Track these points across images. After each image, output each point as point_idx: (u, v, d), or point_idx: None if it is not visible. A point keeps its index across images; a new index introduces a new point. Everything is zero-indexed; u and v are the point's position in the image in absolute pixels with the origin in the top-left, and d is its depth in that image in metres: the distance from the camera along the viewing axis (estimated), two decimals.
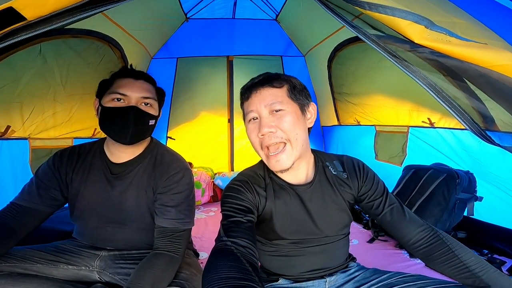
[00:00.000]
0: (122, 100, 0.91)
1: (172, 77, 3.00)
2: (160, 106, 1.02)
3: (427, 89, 0.63)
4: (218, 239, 0.68)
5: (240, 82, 3.14)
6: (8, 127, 1.39)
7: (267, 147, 0.76)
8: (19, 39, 0.63)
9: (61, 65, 1.57)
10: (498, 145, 0.64)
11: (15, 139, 1.45)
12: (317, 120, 3.25)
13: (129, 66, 1.09)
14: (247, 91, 0.79)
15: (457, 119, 0.63)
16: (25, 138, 1.50)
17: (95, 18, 1.62)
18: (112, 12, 1.70)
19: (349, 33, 2.11)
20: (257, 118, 0.77)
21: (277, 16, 2.75)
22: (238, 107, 3.34)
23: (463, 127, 1.62)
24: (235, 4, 2.49)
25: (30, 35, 0.63)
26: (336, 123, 2.88)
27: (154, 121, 0.97)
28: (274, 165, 0.76)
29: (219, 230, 0.71)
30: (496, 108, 0.67)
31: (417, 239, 0.81)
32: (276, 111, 0.75)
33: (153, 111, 0.96)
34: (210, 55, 3.01)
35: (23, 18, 0.62)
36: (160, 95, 1.02)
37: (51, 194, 0.95)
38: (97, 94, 0.96)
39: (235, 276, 0.56)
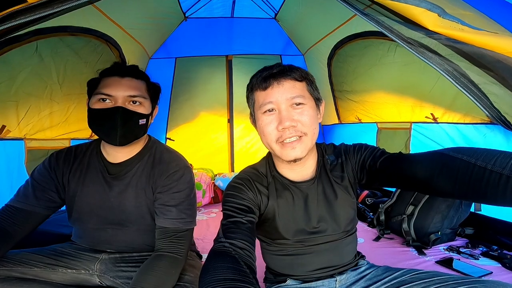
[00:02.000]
0: (108, 101, 0.87)
1: (171, 78, 2.98)
2: (154, 103, 0.98)
3: (445, 74, 0.62)
4: (216, 240, 0.67)
5: (239, 81, 3.15)
6: (3, 127, 1.36)
7: (284, 139, 0.73)
8: (18, 22, 0.60)
9: (58, 64, 1.54)
10: None
11: (11, 139, 1.42)
12: None
13: (127, 63, 1.06)
14: (266, 80, 0.73)
15: (476, 104, 0.61)
16: (20, 139, 1.46)
17: (92, 15, 1.60)
18: (110, 10, 1.68)
19: (348, 30, 2.11)
20: (273, 110, 0.73)
21: (276, 15, 2.74)
22: (237, 107, 3.30)
23: (467, 122, 1.61)
24: (234, 3, 2.48)
25: (29, 18, 0.61)
26: (336, 121, 2.87)
27: (145, 120, 0.93)
28: (289, 153, 0.73)
29: (219, 230, 0.70)
30: (503, 101, 0.66)
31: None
32: (297, 104, 0.72)
33: (143, 109, 0.92)
34: (209, 54, 2.99)
35: (24, 0, 0.59)
36: (152, 91, 0.97)
37: (47, 195, 0.93)
38: (88, 94, 0.93)
39: (233, 277, 0.56)
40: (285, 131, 0.72)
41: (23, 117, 1.44)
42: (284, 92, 0.72)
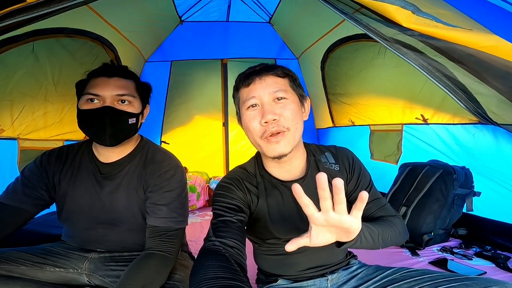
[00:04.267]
0: (96, 101, 0.87)
1: (166, 81, 2.99)
2: (144, 102, 0.98)
3: (420, 69, 0.64)
4: (206, 239, 0.67)
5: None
6: None
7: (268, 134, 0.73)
8: (16, 20, 0.61)
9: (54, 64, 1.55)
10: (495, 123, 0.64)
11: (4, 139, 1.41)
12: (312, 122, 3.25)
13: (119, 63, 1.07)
14: (249, 77, 0.76)
15: (451, 97, 0.63)
16: (14, 138, 1.46)
17: (88, 17, 1.62)
18: (106, 12, 1.70)
19: (340, 33, 2.15)
20: (257, 105, 0.75)
21: (270, 18, 2.78)
22: (232, 110, 3.31)
23: (456, 122, 1.64)
24: (229, 6, 2.51)
25: (27, 17, 0.62)
26: (331, 125, 2.89)
27: (135, 119, 0.92)
28: (273, 149, 0.73)
29: (209, 229, 0.70)
30: (488, 98, 0.68)
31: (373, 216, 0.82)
32: (279, 99, 0.74)
33: (132, 108, 0.92)
34: (204, 58, 3.01)
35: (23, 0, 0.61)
36: (142, 90, 0.98)
37: (37, 193, 0.92)
38: (77, 96, 0.93)
39: (224, 276, 0.56)
40: (268, 125, 0.72)
41: (17, 116, 1.43)
42: (266, 87, 0.73)
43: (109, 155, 0.96)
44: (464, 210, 1.63)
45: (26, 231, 0.96)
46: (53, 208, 1.00)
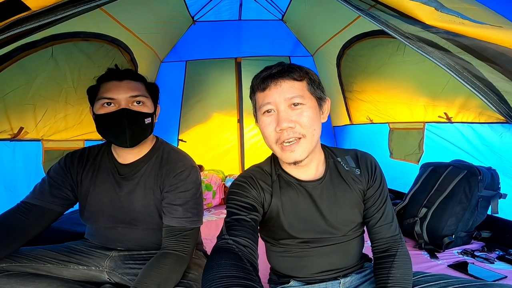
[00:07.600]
0: (112, 104, 0.89)
1: (182, 80, 3.03)
2: (155, 102, 1.00)
3: (446, 69, 0.60)
4: (220, 237, 0.67)
5: (248, 83, 3.11)
6: (21, 129, 1.42)
7: (283, 141, 0.72)
8: (23, 29, 0.63)
9: (72, 68, 1.60)
10: None
11: (28, 140, 1.48)
12: (328, 120, 3.19)
13: (139, 67, 1.08)
14: (264, 81, 0.72)
15: (481, 99, 0.58)
16: (38, 140, 1.53)
17: (103, 21, 1.65)
18: (120, 15, 1.73)
19: (356, 30, 2.09)
20: (272, 111, 0.73)
21: (283, 16, 2.73)
22: (247, 108, 3.32)
23: (482, 121, 1.55)
24: (240, 5, 2.50)
25: (34, 25, 0.63)
26: (348, 122, 2.83)
27: (150, 119, 0.94)
28: (288, 156, 0.72)
29: (222, 227, 0.70)
30: None
31: (377, 244, 0.83)
32: (295, 105, 0.71)
33: (147, 108, 0.94)
34: (218, 57, 3.02)
35: (27, 8, 0.62)
36: (152, 90, 0.99)
37: (63, 193, 0.96)
38: (90, 102, 0.95)
39: (236, 275, 0.55)
40: (283, 132, 0.71)
41: (40, 119, 1.50)
42: (282, 93, 0.71)
43: (126, 156, 0.98)
44: (489, 212, 1.55)
45: (52, 229, 1.01)
46: (76, 206, 1.03)
